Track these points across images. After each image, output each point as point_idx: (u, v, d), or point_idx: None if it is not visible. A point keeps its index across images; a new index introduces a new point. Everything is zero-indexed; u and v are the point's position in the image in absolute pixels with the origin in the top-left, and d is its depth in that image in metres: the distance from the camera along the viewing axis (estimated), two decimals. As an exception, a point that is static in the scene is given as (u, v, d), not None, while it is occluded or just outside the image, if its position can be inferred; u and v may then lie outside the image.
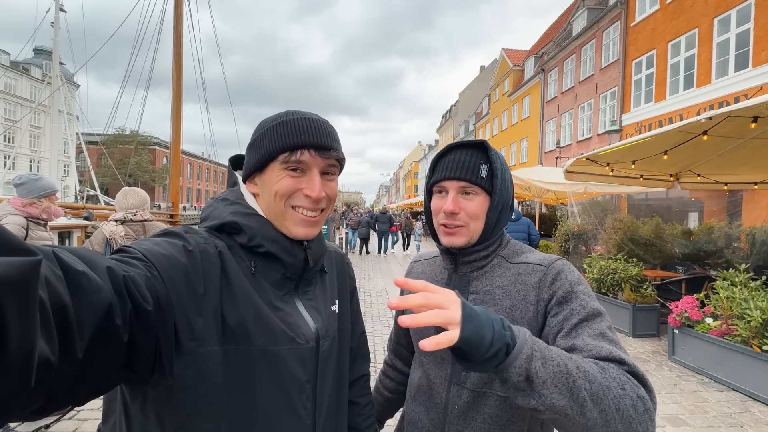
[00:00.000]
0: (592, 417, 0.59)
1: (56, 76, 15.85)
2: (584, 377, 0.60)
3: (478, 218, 0.90)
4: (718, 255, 6.72)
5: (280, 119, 0.73)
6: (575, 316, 0.77)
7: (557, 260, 0.89)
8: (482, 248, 0.92)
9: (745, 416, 3.30)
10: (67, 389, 0.41)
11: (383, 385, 1.21)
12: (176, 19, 8.85)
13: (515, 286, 0.87)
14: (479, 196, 0.89)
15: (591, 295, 0.83)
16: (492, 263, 0.93)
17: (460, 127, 41.83)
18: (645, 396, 0.64)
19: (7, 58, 35.59)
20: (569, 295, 0.81)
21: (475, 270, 0.94)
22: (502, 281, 0.90)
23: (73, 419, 2.95)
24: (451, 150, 0.93)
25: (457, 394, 0.90)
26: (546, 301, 0.83)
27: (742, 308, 3.81)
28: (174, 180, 9.17)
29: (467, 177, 0.88)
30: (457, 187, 0.89)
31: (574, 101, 19.02)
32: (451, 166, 0.90)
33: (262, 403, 0.66)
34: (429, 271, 1.06)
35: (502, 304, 0.87)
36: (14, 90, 36.55)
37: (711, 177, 5.98)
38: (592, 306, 0.79)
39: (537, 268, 0.87)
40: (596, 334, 0.74)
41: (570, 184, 7.60)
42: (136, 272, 0.53)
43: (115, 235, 2.79)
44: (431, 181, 0.94)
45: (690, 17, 12.31)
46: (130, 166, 23.58)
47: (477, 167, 0.88)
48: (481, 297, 0.90)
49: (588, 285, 0.86)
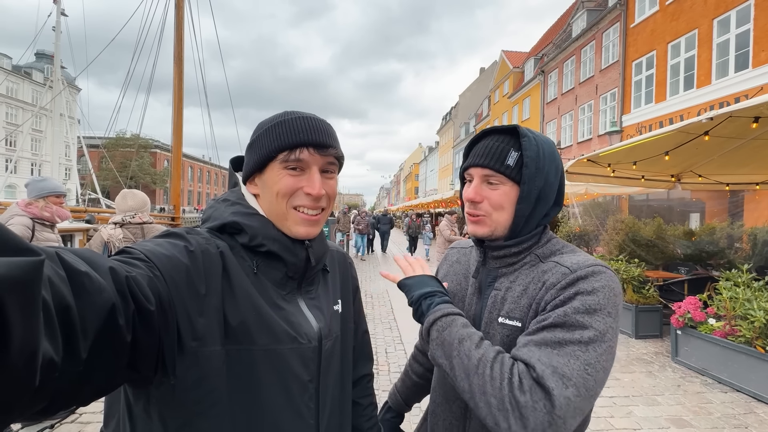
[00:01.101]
0: (463, 387, 0.72)
1: (58, 80, 15.91)
2: (464, 354, 0.73)
3: (503, 209, 0.84)
4: (720, 255, 6.70)
5: (278, 119, 0.73)
6: (551, 317, 0.71)
7: (593, 265, 0.76)
8: (513, 244, 0.85)
9: (749, 417, 3.28)
10: (71, 389, 0.41)
11: (412, 369, 1.21)
12: (177, 22, 8.90)
13: (534, 284, 0.81)
14: (504, 185, 0.84)
15: (603, 310, 0.70)
16: (524, 261, 0.86)
17: (461, 129, 41.88)
18: (521, 399, 0.64)
19: (8, 62, 35.76)
20: (570, 299, 0.71)
21: (504, 266, 0.88)
22: (524, 279, 0.84)
23: (75, 422, 2.95)
24: (483, 136, 0.88)
25: None
26: (543, 299, 0.76)
27: (745, 309, 3.79)
28: (175, 183, 9.19)
29: (490, 164, 0.83)
30: (480, 174, 0.85)
31: (575, 102, 19.04)
32: (477, 152, 0.87)
33: (264, 402, 0.67)
34: (464, 260, 1.03)
35: (520, 302, 0.81)
36: (16, 94, 36.71)
37: (712, 177, 5.98)
38: (582, 321, 0.69)
39: (563, 270, 0.77)
40: (548, 341, 0.68)
41: (571, 185, 7.59)
42: (139, 273, 0.53)
43: (113, 238, 2.77)
44: (462, 168, 0.91)
45: (690, 18, 12.33)
46: (131, 168, 23.61)
47: (504, 154, 0.83)
48: (503, 294, 0.85)
49: (614, 304, 0.72)
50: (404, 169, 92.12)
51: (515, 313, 0.81)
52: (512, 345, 0.79)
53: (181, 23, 8.89)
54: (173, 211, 9.22)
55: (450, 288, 1.00)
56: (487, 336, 0.86)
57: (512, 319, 0.81)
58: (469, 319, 0.90)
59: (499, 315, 0.84)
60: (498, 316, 0.84)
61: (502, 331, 0.82)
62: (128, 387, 0.63)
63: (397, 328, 5.54)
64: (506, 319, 0.82)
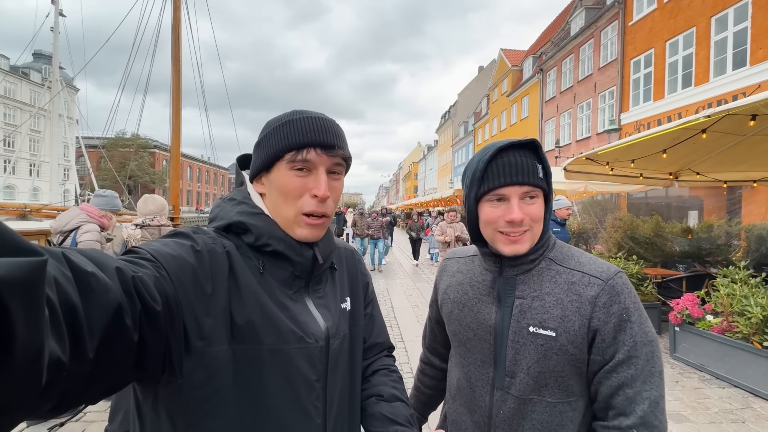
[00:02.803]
0: None
1: (56, 80, 15.87)
2: None
3: (540, 221, 0.86)
4: (718, 253, 6.73)
5: (286, 118, 0.73)
6: (622, 351, 0.80)
7: (616, 274, 0.84)
8: (532, 251, 0.88)
9: (746, 412, 3.31)
10: (79, 388, 0.42)
11: (422, 383, 1.21)
12: (174, 22, 8.89)
13: (568, 295, 0.84)
14: (539, 198, 0.86)
15: (644, 323, 0.83)
16: (540, 266, 0.89)
17: (460, 128, 41.86)
18: None
19: (6, 62, 35.64)
20: (624, 324, 0.80)
21: (522, 273, 0.89)
22: (552, 287, 0.86)
23: (80, 421, 2.97)
24: (500, 152, 0.84)
25: (501, 399, 0.88)
26: (599, 321, 0.81)
27: (742, 305, 3.82)
28: (174, 183, 9.19)
29: (529, 180, 0.83)
30: (520, 192, 0.83)
31: (573, 101, 19.05)
32: (508, 171, 0.82)
33: (271, 402, 0.66)
34: (466, 270, 1.01)
35: (552, 312, 0.83)
36: (14, 94, 36.59)
37: (710, 175, 6.00)
38: (640, 341, 0.81)
39: (594, 281, 0.83)
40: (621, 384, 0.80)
41: (570, 183, 7.61)
42: (145, 273, 0.53)
43: (131, 238, 2.92)
44: (484, 189, 0.85)
45: (687, 16, 12.35)
46: (130, 168, 23.57)
47: (534, 168, 0.84)
48: (529, 302, 0.86)
49: (641, 304, 0.85)
50: (403, 168, 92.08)
51: (549, 324, 0.83)
52: (547, 353, 0.82)
53: (179, 24, 8.88)
54: (172, 211, 9.23)
55: (455, 298, 0.99)
56: (518, 345, 0.86)
57: (546, 329, 0.83)
58: (489, 328, 0.90)
59: (529, 324, 0.85)
60: (528, 325, 0.85)
61: (535, 341, 0.84)
62: (137, 385, 0.63)
63: (398, 326, 5.57)
64: (539, 329, 0.84)
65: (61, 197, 16.21)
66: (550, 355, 0.82)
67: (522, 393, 0.85)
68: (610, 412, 0.81)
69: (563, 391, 0.84)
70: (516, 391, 0.85)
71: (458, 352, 0.99)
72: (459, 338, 0.97)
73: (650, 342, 0.81)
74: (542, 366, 0.83)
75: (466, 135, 38.58)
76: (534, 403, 0.84)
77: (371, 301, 0.96)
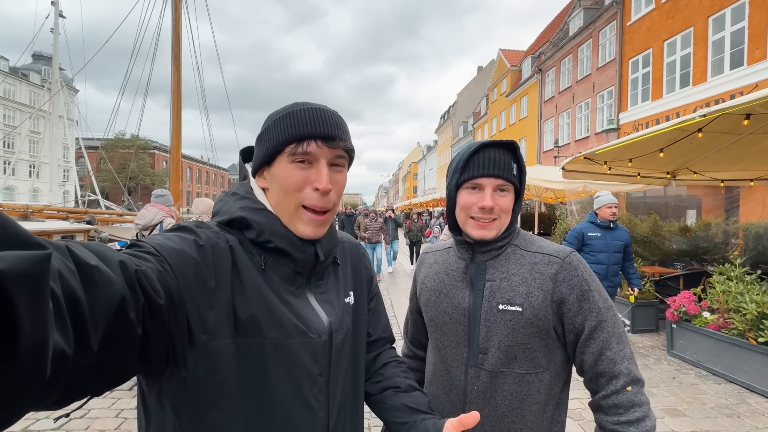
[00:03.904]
0: None
1: (56, 81, 15.90)
2: None
3: (508, 212, 0.97)
4: (715, 251, 6.78)
5: (287, 110, 0.71)
6: (591, 318, 0.92)
7: (571, 253, 0.97)
8: (500, 239, 0.99)
9: (741, 407, 3.36)
10: (84, 381, 0.42)
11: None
12: (175, 23, 8.94)
13: (531, 274, 0.95)
14: (510, 192, 0.97)
15: (601, 291, 0.95)
16: (506, 252, 1.00)
17: (459, 128, 41.91)
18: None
19: (6, 64, 35.64)
20: (586, 294, 0.92)
21: (491, 258, 0.99)
22: (518, 269, 0.96)
23: (84, 418, 3.01)
24: (482, 148, 0.96)
25: (476, 376, 0.96)
26: (562, 294, 0.92)
27: (737, 302, 3.87)
28: (174, 184, 9.24)
29: (503, 175, 0.94)
30: (494, 184, 0.94)
31: (572, 101, 19.11)
32: (487, 164, 0.94)
33: (274, 395, 0.67)
34: (442, 261, 1.10)
35: (518, 290, 0.94)
36: (13, 96, 36.58)
37: (707, 174, 6.04)
38: (603, 306, 0.93)
39: (553, 260, 0.95)
40: (601, 348, 0.91)
41: (568, 182, 7.66)
42: (149, 266, 0.54)
43: None
44: (464, 177, 0.97)
45: (685, 16, 12.40)
46: (130, 169, 23.56)
47: (509, 165, 0.95)
48: (498, 283, 0.96)
49: (595, 276, 0.97)
50: (403, 168, 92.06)
51: (516, 300, 0.93)
52: (515, 327, 0.92)
53: (179, 26, 8.93)
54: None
55: (432, 286, 1.08)
56: (489, 323, 0.95)
57: (513, 305, 0.93)
58: (464, 310, 0.99)
59: (498, 303, 0.94)
60: (498, 304, 0.94)
61: (504, 317, 0.93)
62: (142, 378, 0.64)
63: (397, 325, 5.61)
64: (507, 306, 0.93)
65: (61, 198, 16.23)
66: (518, 329, 0.92)
67: (494, 367, 0.94)
68: (601, 379, 0.91)
69: (530, 362, 0.94)
70: (488, 365, 0.94)
71: (435, 337, 1.07)
72: (436, 323, 1.05)
73: (611, 306, 0.95)
74: (511, 340, 0.93)
75: (466, 135, 38.62)
76: (504, 375, 0.93)
77: (375, 295, 0.96)
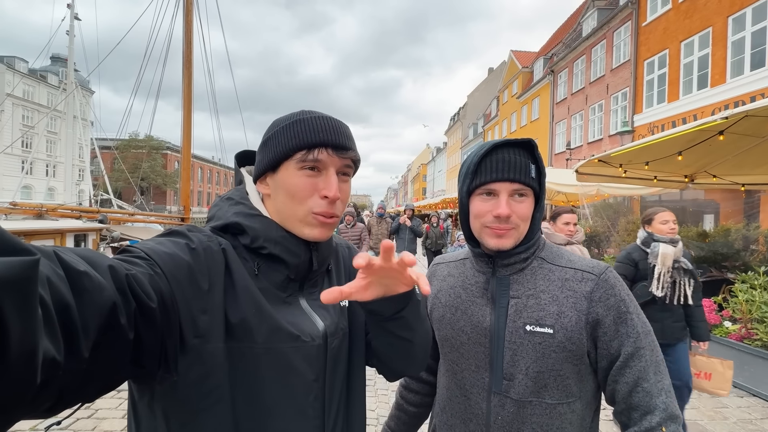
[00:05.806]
0: None
1: (71, 82, 16.22)
2: None
3: (528, 220, 0.87)
4: (735, 257, 6.57)
5: (295, 117, 0.71)
6: (629, 344, 0.82)
7: (607, 269, 0.86)
8: (523, 250, 0.88)
9: (766, 423, 3.21)
10: (75, 387, 0.42)
11: (406, 400, 1.11)
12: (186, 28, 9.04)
13: (563, 291, 0.85)
14: (529, 197, 0.86)
15: (640, 313, 0.86)
16: (532, 265, 0.89)
17: (469, 130, 41.71)
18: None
19: (25, 65, 36.56)
20: (624, 316, 0.83)
21: (515, 273, 0.89)
22: (546, 285, 0.86)
23: (91, 418, 3.00)
24: (495, 149, 0.85)
25: (500, 404, 0.85)
26: (598, 315, 0.82)
27: (762, 312, 3.71)
28: (185, 184, 9.32)
29: (520, 178, 0.83)
30: (510, 189, 0.84)
31: (585, 102, 18.84)
32: (500, 167, 0.83)
33: (267, 401, 0.66)
34: (457, 273, 1.00)
35: (548, 309, 0.84)
36: (32, 97, 37.50)
37: (727, 178, 5.85)
38: (642, 331, 0.83)
39: (588, 276, 0.85)
40: (636, 379, 0.81)
41: (581, 185, 7.51)
42: (139, 271, 0.53)
43: None
44: (476, 183, 0.86)
45: (703, 16, 12.12)
46: (143, 169, 23.98)
47: (527, 167, 0.84)
48: (524, 301, 0.86)
49: (632, 296, 0.87)
50: (412, 170, 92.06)
51: (546, 321, 0.83)
52: (545, 351, 0.82)
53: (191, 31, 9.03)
54: (183, 211, 9.36)
55: (447, 301, 0.97)
56: (515, 345, 0.84)
57: (543, 326, 0.83)
58: (484, 330, 0.89)
59: (526, 323, 0.84)
60: (525, 324, 0.84)
61: (532, 340, 0.83)
62: (133, 383, 0.63)
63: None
64: (536, 327, 0.83)
65: (76, 197, 16.54)
66: (549, 353, 0.82)
67: (521, 396, 0.83)
68: (634, 413, 0.80)
69: (562, 391, 0.83)
70: (515, 394, 0.83)
71: (449, 359, 0.96)
72: (451, 343, 0.94)
73: (650, 331, 0.84)
74: (541, 365, 0.82)
75: (476, 137, 38.41)
76: (533, 405, 0.82)
77: None
